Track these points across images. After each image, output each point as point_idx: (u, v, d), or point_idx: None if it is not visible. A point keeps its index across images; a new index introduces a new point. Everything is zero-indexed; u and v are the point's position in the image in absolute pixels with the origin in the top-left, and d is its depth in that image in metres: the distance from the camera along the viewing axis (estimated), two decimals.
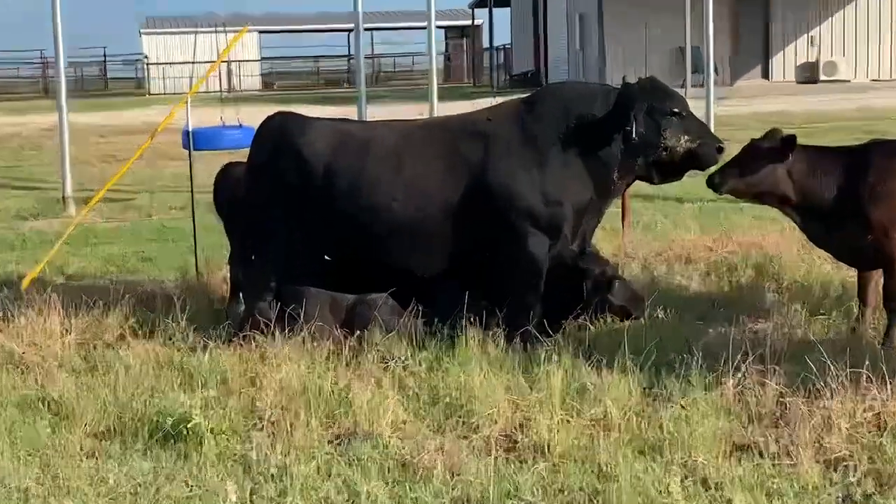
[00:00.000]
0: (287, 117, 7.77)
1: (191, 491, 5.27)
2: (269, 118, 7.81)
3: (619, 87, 7.47)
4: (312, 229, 7.46)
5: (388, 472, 5.42)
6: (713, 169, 7.45)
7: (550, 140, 7.27)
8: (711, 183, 7.29)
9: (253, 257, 7.73)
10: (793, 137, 7.18)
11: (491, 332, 7.21)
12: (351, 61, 55.46)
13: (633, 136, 7.22)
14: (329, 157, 7.41)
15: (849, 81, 37.15)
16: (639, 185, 8.31)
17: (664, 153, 7.31)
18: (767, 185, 7.21)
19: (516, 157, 7.23)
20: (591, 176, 7.29)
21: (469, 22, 54.44)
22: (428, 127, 7.70)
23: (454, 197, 7.24)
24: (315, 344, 7.17)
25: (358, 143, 7.43)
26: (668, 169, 7.44)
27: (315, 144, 7.46)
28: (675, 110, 7.34)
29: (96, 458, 5.68)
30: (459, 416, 6.06)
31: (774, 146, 7.17)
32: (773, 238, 10.13)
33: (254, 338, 7.25)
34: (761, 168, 7.18)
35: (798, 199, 7.22)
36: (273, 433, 5.93)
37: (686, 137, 7.33)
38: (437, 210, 7.24)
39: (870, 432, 5.65)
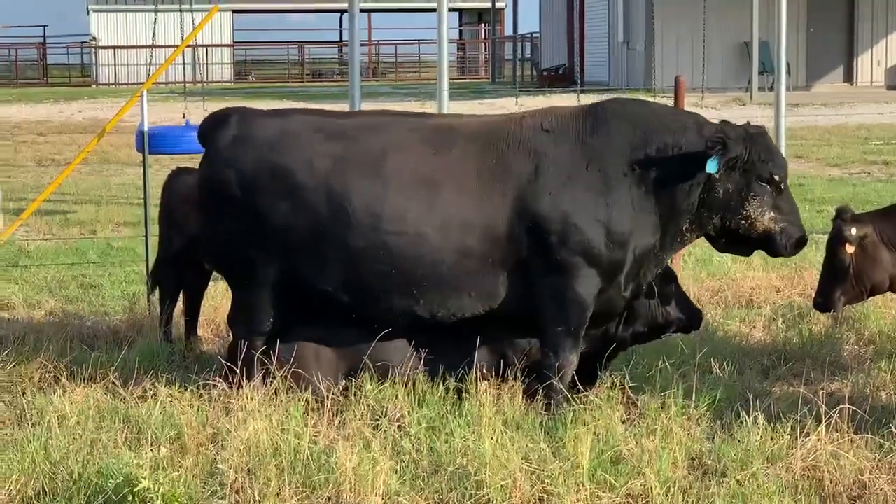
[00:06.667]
0: (245, 114, 7.56)
1: None
2: (221, 113, 7.64)
3: (718, 123, 7.40)
4: (307, 263, 7.27)
5: None
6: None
7: (621, 168, 7.17)
8: (820, 308, 7.55)
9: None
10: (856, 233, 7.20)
11: (507, 385, 7.21)
12: (343, 49, 55.61)
13: (717, 188, 7.19)
14: (327, 168, 7.20)
15: None
16: None
17: (742, 222, 7.27)
18: (881, 275, 7.26)
19: (580, 183, 7.14)
20: (661, 221, 7.24)
21: (489, 4, 54.65)
22: (461, 131, 7.38)
23: (496, 225, 7.11)
24: (290, 394, 7.18)
25: (362, 150, 7.24)
26: (738, 240, 7.40)
27: (307, 151, 7.24)
28: (776, 178, 7.26)
29: None
30: (466, 489, 6.06)
31: (859, 233, 7.20)
32: None
33: (215, 385, 7.26)
34: (866, 263, 7.23)
35: None
36: (237, 502, 5.93)
37: (771, 215, 7.26)
38: (475, 241, 7.11)
39: None
